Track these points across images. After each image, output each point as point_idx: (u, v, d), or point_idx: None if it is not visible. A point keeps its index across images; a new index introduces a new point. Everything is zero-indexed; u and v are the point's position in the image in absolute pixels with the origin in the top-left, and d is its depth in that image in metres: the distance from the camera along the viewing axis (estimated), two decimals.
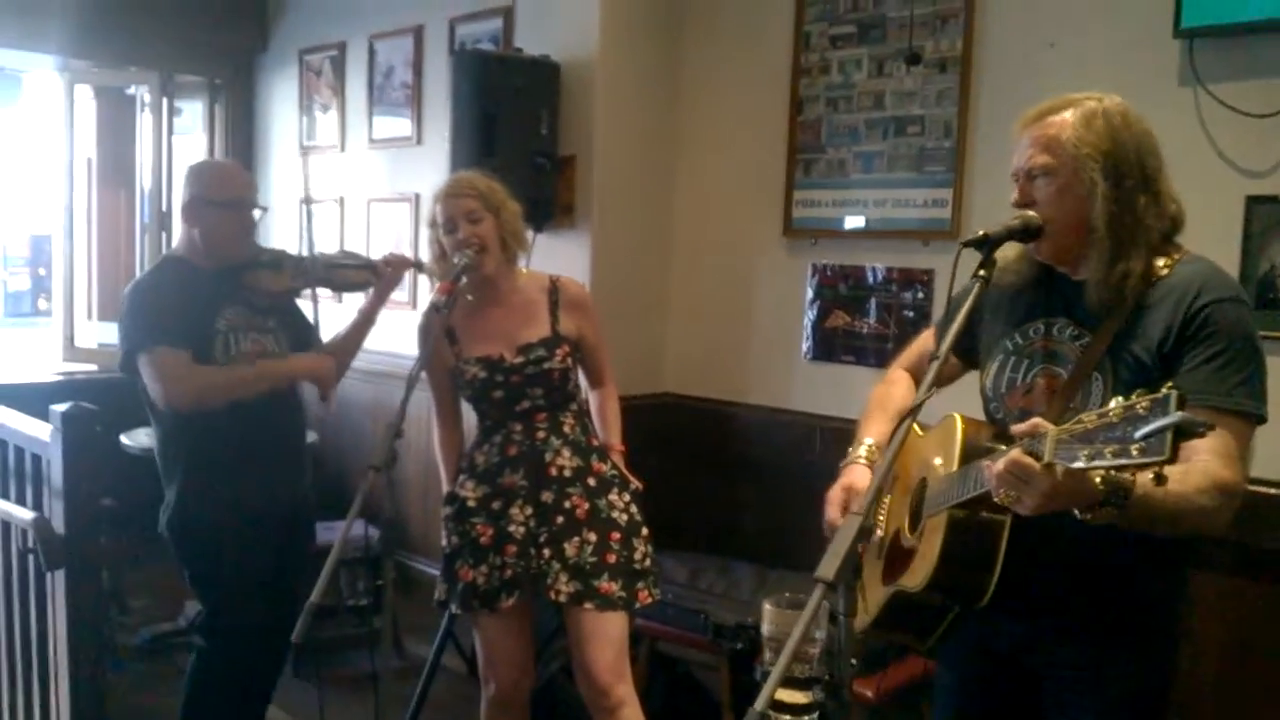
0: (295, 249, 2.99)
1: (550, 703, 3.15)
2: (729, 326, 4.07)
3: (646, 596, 2.58)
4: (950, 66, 3.39)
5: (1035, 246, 1.75)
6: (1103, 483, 1.37)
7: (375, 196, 4.97)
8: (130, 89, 5.72)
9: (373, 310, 2.95)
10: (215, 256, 2.75)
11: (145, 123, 5.65)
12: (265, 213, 2.87)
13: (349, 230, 5.12)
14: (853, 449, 2.00)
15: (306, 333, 2.95)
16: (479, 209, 2.55)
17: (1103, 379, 1.67)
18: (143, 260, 5.69)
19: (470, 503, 2.58)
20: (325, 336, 2.99)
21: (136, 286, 2.76)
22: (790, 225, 3.84)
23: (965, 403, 1.87)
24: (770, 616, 1.64)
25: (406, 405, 2.30)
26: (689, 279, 4.22)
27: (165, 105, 5.56)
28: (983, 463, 1.55)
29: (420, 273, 2.80)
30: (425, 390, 2.71)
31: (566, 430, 2.60)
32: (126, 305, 2.71)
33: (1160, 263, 1.67)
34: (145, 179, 5.67)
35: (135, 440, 4.17)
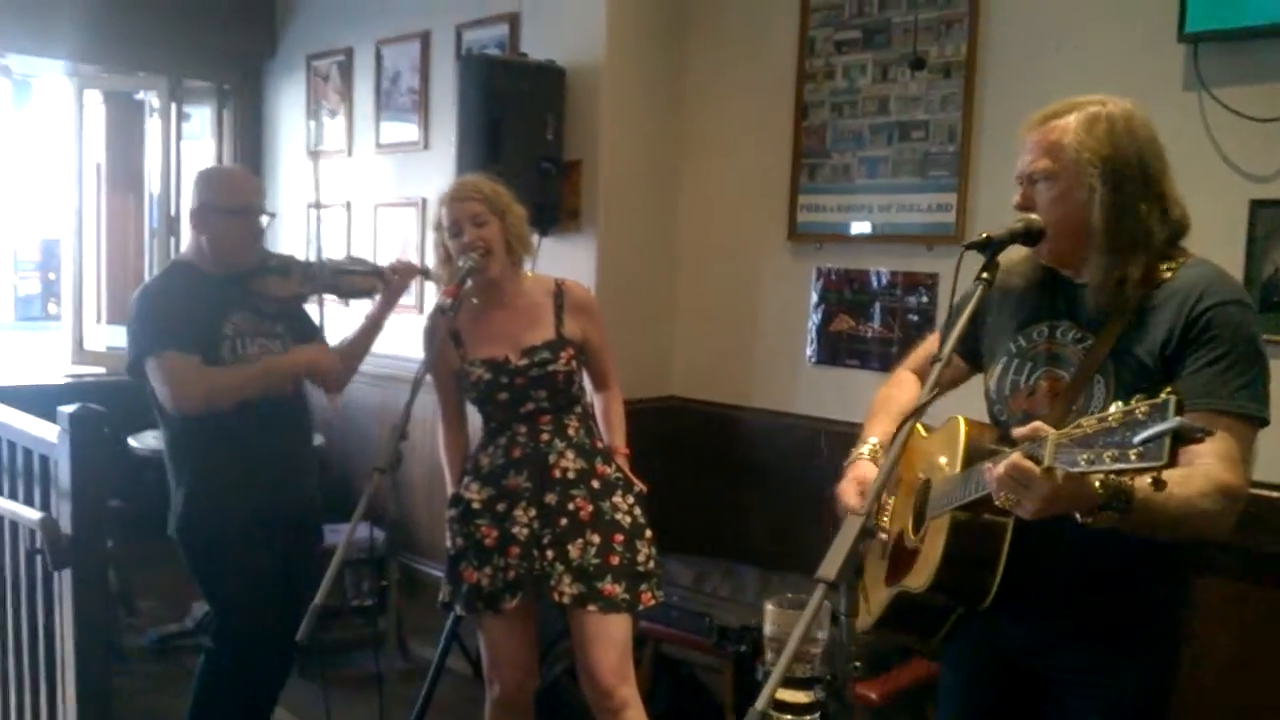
0: (303, 254, 3.01)
1: (555, 705, 3.15)
2: (734, 330, 4.08)
3: (650, 598, 2.58)
4: (955, 71, 3.40)
5: (1037, 249, 1.76)
6: (1102, 487, 1.37)
7: (382, 201, 4.99)
8: (139, 94, 5.75)
9: (380, 316, 2.96)
10: (223, 263, 2.77)
11: (154, 127, 5.68)
12: (273, 219, 2.89)
13: (356, 235, 5.14)
14: (856, 448, 2.01)
15: (314, 338, 2.96)
16: (484, 212, 2.56)
17: (1105, 382, 1.68)
18: (151, 264, 5.72)
19: (475, 504, 2.59)
20: (332, 341, 3.00)
21: (145, 291, 2.78)
22: (795, 230, 3.84)
23: (972, 405, 1.88)
24: (772, 616, 1.65)
25: (411, 407, 2.31)
26: (694, 283, 4.23)
27: (174, 110, 5.59)
28: (984, 466, 1.56)
29: (427, 280, 2.81)
30: (431, 393, 2.72)
31: (571, 433, 2.61)
32: (135, 310, 2.72)
33: (1164, 267, 1.67)
34: (154, 183, 5.70)
35: (143, 442, 4.20)
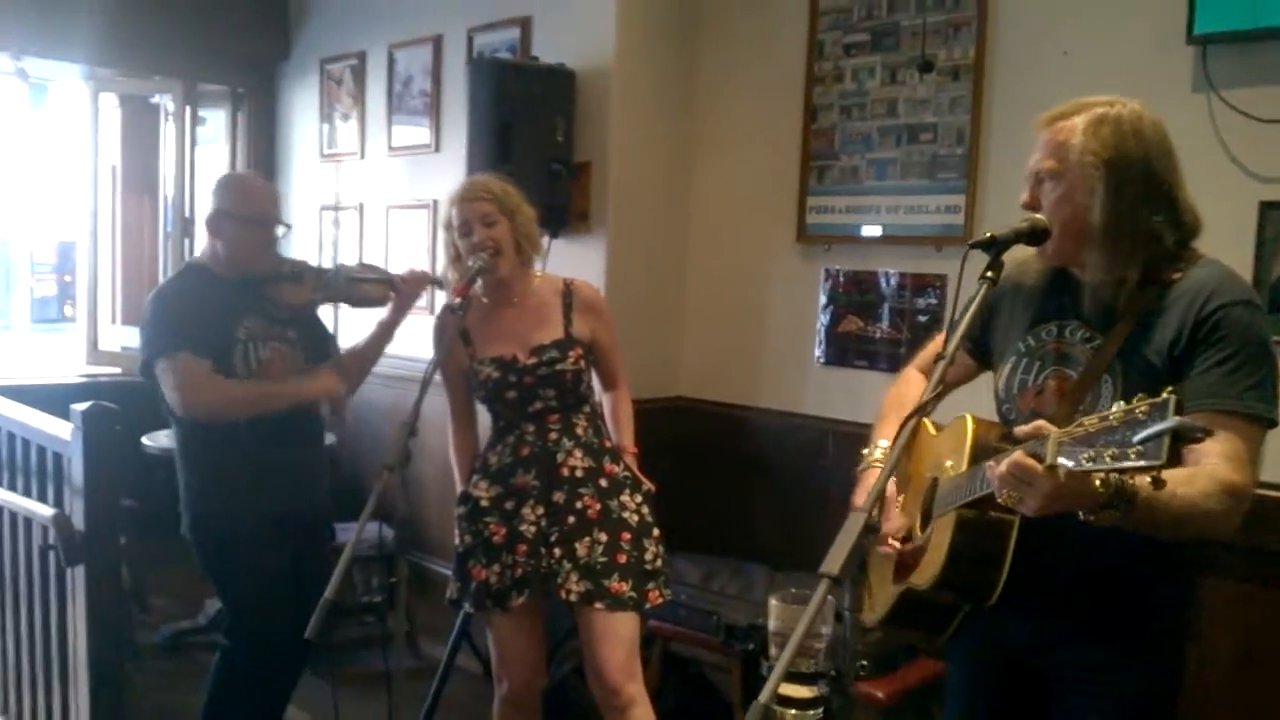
0: (316, 256, 3.03)
1: (563, 703, 3.17)
2: (742, 331, 4.09)
3: (657, 597, 2.59)
4: (963, 74, 3.40)
5: (1042, 249, 1.77)
6: (1102, 485, 1.37)
7: (394, 203, 5.01)
8: (154, 97, 5.79)
9: (391, 324, 2.97)
10: (237, 268, 2.79)
11: (169, 131, 5.72)
12: (289, 229, 2.90)
13: (368, 236, 5.17)
14: (868, 451, 2.02)
15: (325, 343, 2.98)
16: (494, 212, 2.58)
17: (1113, 382, 1.68)
18: (165, 266, 5.75)
19: (483, 502, 2.61)
20: (344, 346, 3.03)
21: (159, 294, 2.80)
22: (804, 231, 3.85)
23: (984, 404, 1.89)
24: (776, 612, 1.66)
25: (420, 405, 2.33)
26: (703, 284, 4.24)
27: (188, 113, 5.62)
28: (987, 463, 1.56)
29: (439, 289, 2.83)
30: (442, 393, 2.74)
31: (579, 431, 2.62)
32: (149, 312, 2.74)
33: (1174, 267, 1.68)
34: (168, 186, 5.74)
35: (156, 441, 4.23)
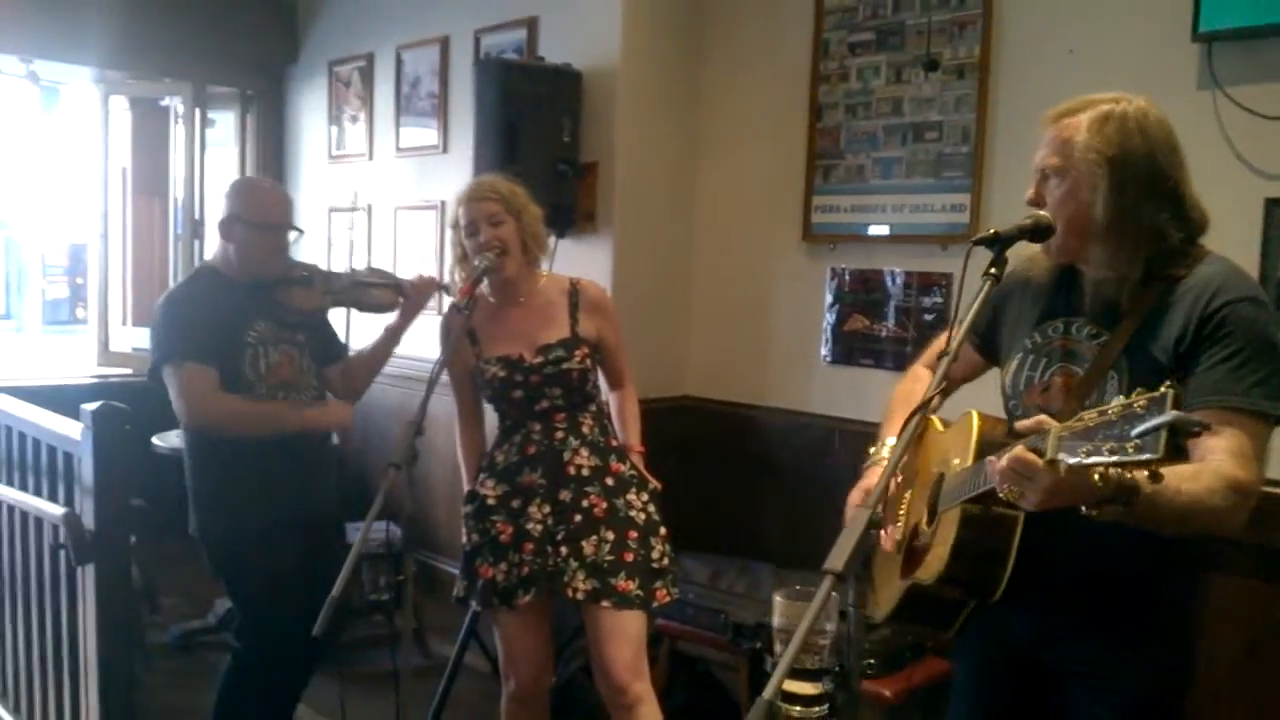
0: (324, 257, 3.04)
1: (570, 701, 3.18)
2: (749, 330, 4.09)
3: (664, 595, 2.60)
4: (968, 73, 3.40)
5: (1046, 245, 1.77)
6: (1101, 480, 1.37)
7: (402, 204, 5.03)
8: (164, 100, 5.82)
9: (399, 330, 2.98)
10: (248, 273, 2.81)
11: (178, 133, 5.74)
12: (301, 235, 2.91)
13: (376, 237, 5.19)
14: (875, 449, 2.02)
15: (334, 347, 3.00)
16: (501, 212, 2.59)
17: (1118, 378, 1.68)
18: (176, 268, 5.78)
19: (490, 501, 2.62)
20: (354, 348, 3.04)
21: (170, 298, 2.81)
22: (809, 230, 3.86)
23: (994, 400, 1.90)
24: (780, 608, 1.67)
25: (426, 404, 2.34)
26: (709, 283, 4.25)
27: (198, 116, 5.66)
28: (989, 459, 1.57)
29: (447, 295, 2.84)
30: (450, 393, 2.76)
31: (585, 430, 2.63)
32: (159, 316, 2.76)
33: (1180, 264, 1.68)
34: (178, 188, 5.76)
35: (167, 442, 4.25)
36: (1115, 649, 1.74)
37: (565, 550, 2.54)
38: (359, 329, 2.90)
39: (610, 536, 2.55)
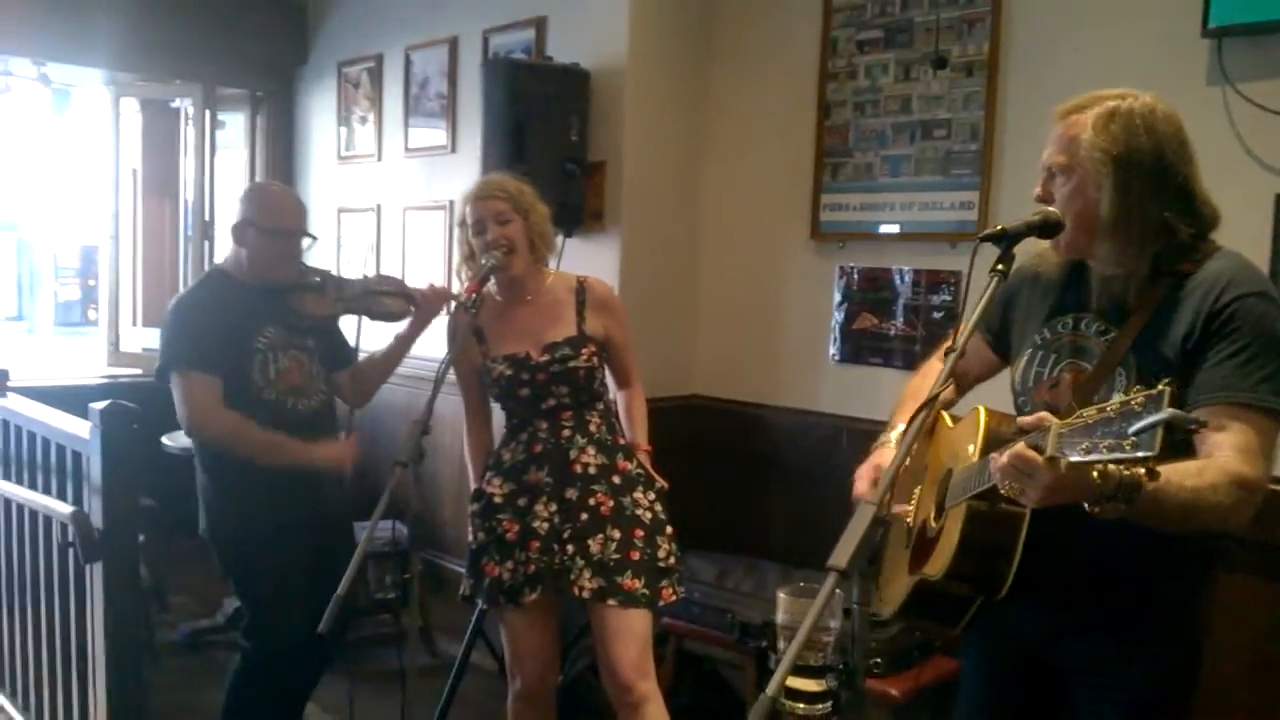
0: (333, 257, 3.03)
1: (577, 699, 3.18)
2: (757, 329, 4.09)
3: (670, 594, 2.59)
4: (977, 70, 3.39)
5: (1055, 242, 1.76)
6: (1100, 478, 1.35)
7: (411, 205, 5.04)
8: (175, 101, 5.85)
9: (408, 339, 2.97)
10: (259, 278, 2.80)
11: (189, 135, 5.77)
12: (315, 241, 2.91)
13: (385, 238, 5.21)
14: (883, 434, 2.02)
15: (345, 353, 2.98)
16: (508, 211, 2.59)
17: (1126, 375, 1.67)
18: (186, 269, 5.81)
19: (497, 499, 2.62)
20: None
21: (180, 303, 2.81)
22: (818, 229, 3.85)
23: (1005, 396, 1.90)
24: (784, 605, 1.66)
25: (433, 403, 2.34)
26: (717, 282, 4.25)
27: (208, 117, 5.68)
28: (992, 455, 1.56)
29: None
30: (458, 393, 2.76)
31: (592, 429, 2.63)
32: (169, 320, 2.76)
33: (1189, 259, 1.67)
34: (189, 190, 5.79)
35: (176, 441, 4.26)
36: (1119, 646, 1.73)
37: (571, 548, 2.54)
38: (369, 334, 2.90)
39: (616, 535, 2.55)
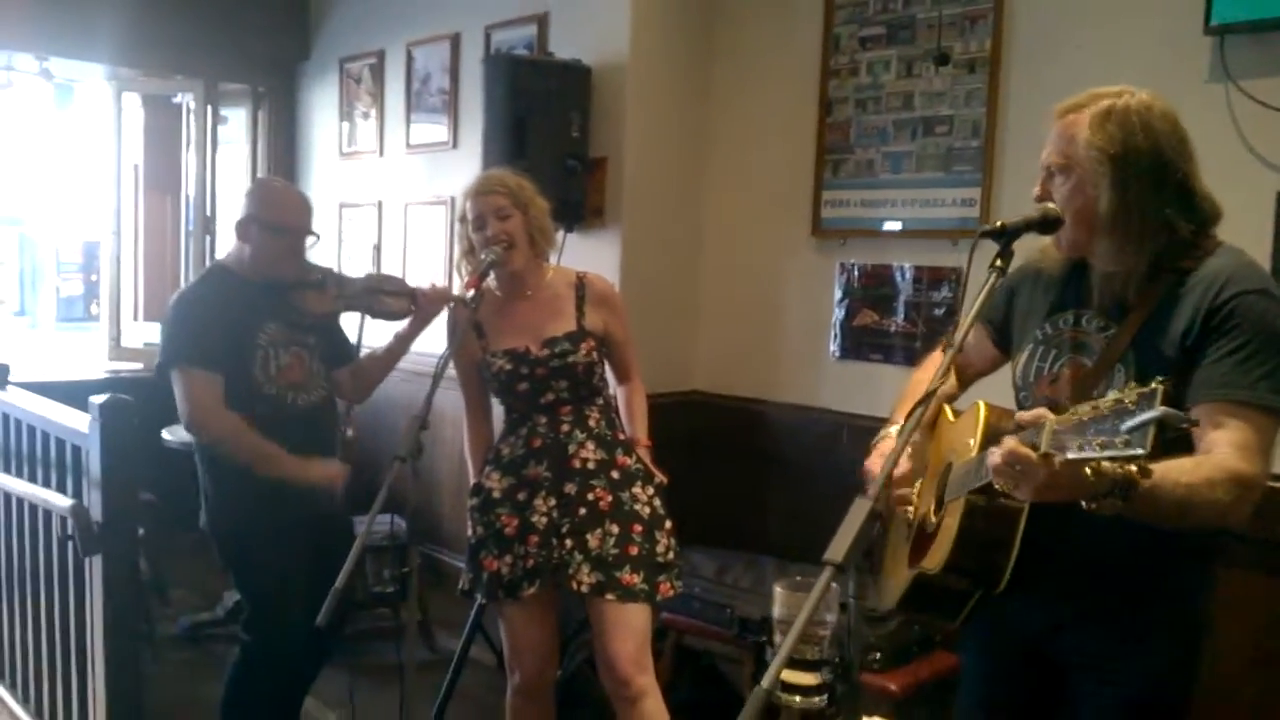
0: (334, 253, 3.03)
1: (575, 694, 3.18)
2: (758, 325, 4.09)
3: (668, 589, 2.59)
4: (979, 66, 3.39)
5: (1056, 239, 1.77)
6: (1093, 474, 1.35)
7: (412, 200, 5.04)
8: (176, 97, 5.85)
9: (408, 337, 2.96)
10: (261, 274, 2.81)
11: (190, 130, 5.76)
12: (318, 239, 2.92)
13: (387, 233, 5.21)
14: (883, 429, 2.02)
15: (345, 350, 2.98)
16: (508, 206, 2.59)
17: (1125, 371, 1.68)
18: (187, 264, 5.81)
19: (495, 493, 2.62)
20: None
21: (182, 298, 2.81)
22: (819, 225, 3.85)
23: (1008, 391, 1.90)
24: (780, 599, 1.66)
25: (432, 397, 2.34)
26: (718, 278, 4.24)
27: (209, 113, 5.68)
28: (989, 451, 1.56)
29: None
30: (458, 388, 2.75)
31: (591, 424, 2.63)
32: (170, 316, 2.76)
33: (1189, 257, 1.67)
34: (190, 185, 5.79)
35: (176, 435, 4.25)
36: (1119, 640, 1.73)
37: (570, 543, 2.54)
38: (370, 332, 2.89)
39: (615, 530, 2.55)
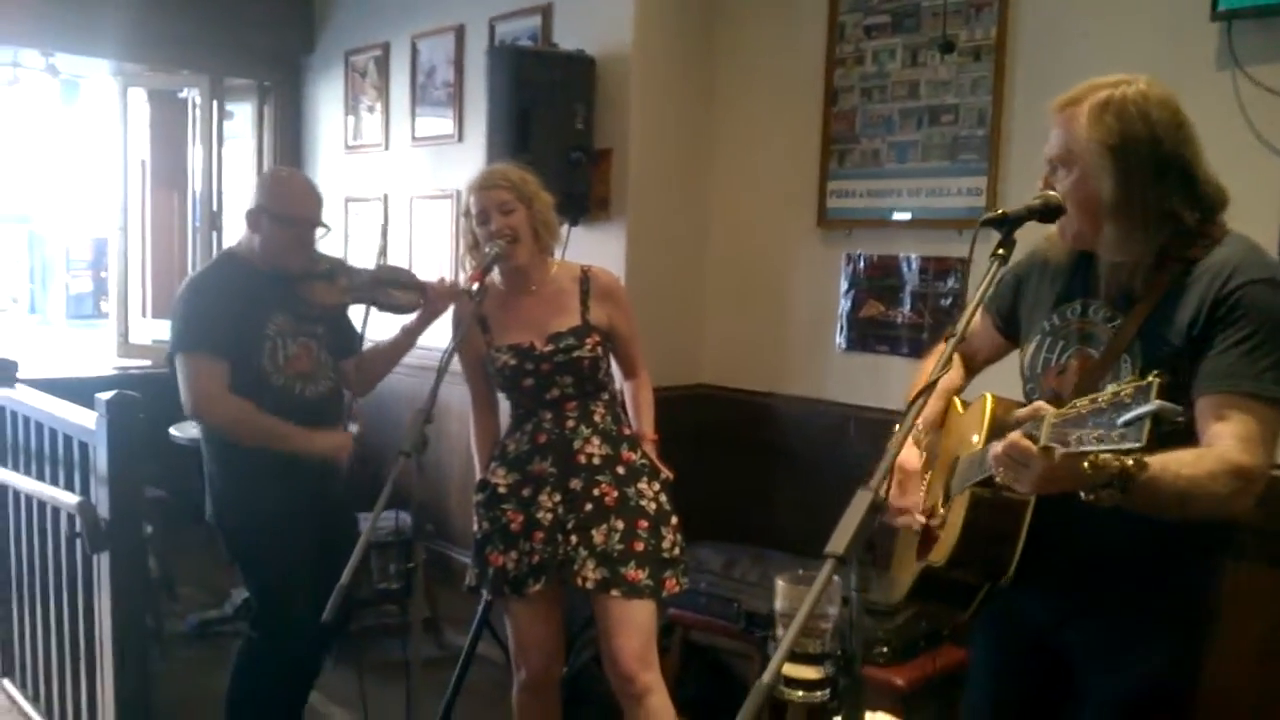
0: (341, 247, 3.02)
1: (582, 691, 3.18)
2: (764, 317, 4.07)
3: (674, 585, 2.59)
4: (984, 55, 3.36)
5: (1062, 230, 1.76)
6: (1091, 467, 1.35)
7: (418, 193, 5.04)
8: (182, 92, 5.86)
9: (415, 331, 2.96)
10: (270, 264, 2.81)
11: (196, 125, 5.78)
12: (328, 231, 2.91)
13: (393, 226, 5.20)
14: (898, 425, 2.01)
15: (351, 341, 2.99)
16: (511, 200, 2.58)
17: (1131, 362, 1.67)
18: (195, 259, 5.82)
19: (501, 489, 2.62)
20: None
21: (191, 284, 2.82)
22: (825, 216, 3.83)
23: (1016, 382, 1.90)
24: (783, 592, 1.65)
25: (436, 392, 2.33)
26: (724, 270, 4.23)
27: (215, 107, 5.69)
28: (992, 444, 1.56)
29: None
30: (464, 382, 2.75)
31: (597, 419, 2.62)
32: (180, 302, 2.77)
33: (1196, 245, 1.66)
34: (197, 180, 5.80)
35: (184, 432, 4.27)
36: (1125, 632, 1.73)
37: (575, 539, 2.53)
38: (377, 323, 2.89)
39: (620, 525, 2.54)
